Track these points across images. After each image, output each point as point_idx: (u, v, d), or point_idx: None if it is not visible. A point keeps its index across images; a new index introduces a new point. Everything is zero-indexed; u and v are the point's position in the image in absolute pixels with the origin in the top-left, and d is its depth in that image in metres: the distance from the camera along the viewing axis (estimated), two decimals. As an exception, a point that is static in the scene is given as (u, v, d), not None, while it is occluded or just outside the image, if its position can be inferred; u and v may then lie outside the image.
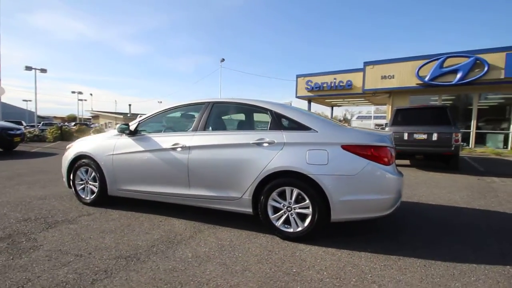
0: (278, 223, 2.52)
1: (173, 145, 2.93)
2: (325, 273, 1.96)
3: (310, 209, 2.39)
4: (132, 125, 3.27)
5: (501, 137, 11.52)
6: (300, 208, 2.45)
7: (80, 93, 50.82)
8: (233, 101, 3.01)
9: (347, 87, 15.87)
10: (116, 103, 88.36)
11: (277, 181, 2.48)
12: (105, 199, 3.43)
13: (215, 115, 3.03)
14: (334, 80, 16.35)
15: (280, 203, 2.52)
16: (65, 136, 15.50)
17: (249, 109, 3.15)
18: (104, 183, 3.33)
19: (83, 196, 3.51)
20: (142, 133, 3.26)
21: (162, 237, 2.54)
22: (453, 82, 11.35)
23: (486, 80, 10.70)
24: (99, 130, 19.61)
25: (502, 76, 10.35)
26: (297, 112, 2.69)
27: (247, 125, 3.26)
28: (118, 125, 3.22)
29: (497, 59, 10.36)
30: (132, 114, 50.64)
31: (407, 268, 2.05)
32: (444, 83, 11.59)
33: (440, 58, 11.55)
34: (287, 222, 2.51)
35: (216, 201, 2.78)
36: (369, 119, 40.55)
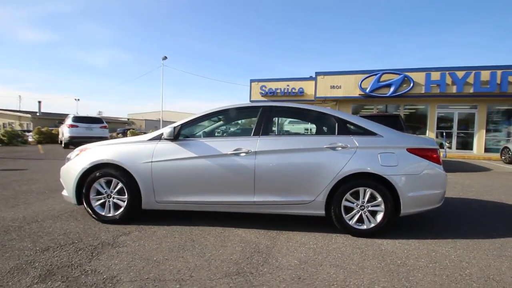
0: (352, 222, 2.69)
1: (235, 150, 2.77)
2: (422, 260, 2.24)
3: (382, 206, 2.64)
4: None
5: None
6: (372, 206, 2.68)
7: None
8: (291, 106, 3.04)
9: (299, 93, 17.18)
10: (21, 99, 71.40)
11: (352, 182, 2.66)
12: (135, 215, 2.96)
13: (274, 120, 3.00)
14: (287, 87, 17.48)
15: (353, 203, 2.70)
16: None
17: (308, 115, 3.23)
18: (137, 195, 2.87)
19: (103, 213, 2.93)
20: (182, 137, 2.96)
21: (245, 248, 2.39)
22: (387, 95, 13.64)
23: (411, 94, 13.26)
24: (12, 133, 15.80)
25: (423, 91, 13.03)
26: (360, 119, 2.93)
27: (311, 129, 3.32)
28: (167, 129, 2.84)
29: (420, 78, 12.99)
30: (43, 113, 42.72)
31: (467, 248, 2.50)
32: (381, 94, 13.81)
33: (378, 73, 13.73)
34: (359, 220, 2.70)
35: (285, 206, 2.76)
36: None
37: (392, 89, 13.48)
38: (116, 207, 2.94)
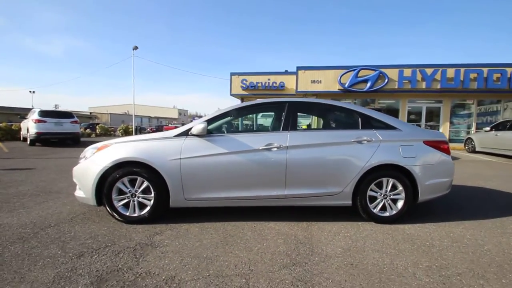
0: (376, 210, 2.90)
1: (266, 145, 2.81)
2: (445, 240, 2.50)
3: (403, 195, 2.88)
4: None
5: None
6: (393, 195, 2.90)
7: None
8: (316, 101, 3.14)
9: (280, 88, 17.38)
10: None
11: (377, 173, 2.85)
12: (161, 213, 2.88)
13: (299, 115, 3.08)
14: (268, 81, 17.57)
15: (376, 193, 2.90)
16: None
17: (332, 110, 3.34)
18: (165, 193, 2.79)
19: (127, 214, 2.81)
20: (212, 133, 2.92)
21: (287, 240, 2.47)
22: (364, 89, 14.37)
23: (386, 89, 14.13)
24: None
25: (396, 87, 13.94)
26: (381, 114, 3.12)
27: (335, 124, 3.45)
28: (198, 125, 2.77)
29: (393, 74, 13.86)
30: (-8, 107, 38.59)
31: (475, 228, 2.84)
32: (358, 89, 14.51)
33: (356, 69, 14.39)
34: (382, 208, 2.91)
35: (315, 198, 2.87)
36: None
37: (368, 84, 14.23)
38: (141, 206, 2.83)
